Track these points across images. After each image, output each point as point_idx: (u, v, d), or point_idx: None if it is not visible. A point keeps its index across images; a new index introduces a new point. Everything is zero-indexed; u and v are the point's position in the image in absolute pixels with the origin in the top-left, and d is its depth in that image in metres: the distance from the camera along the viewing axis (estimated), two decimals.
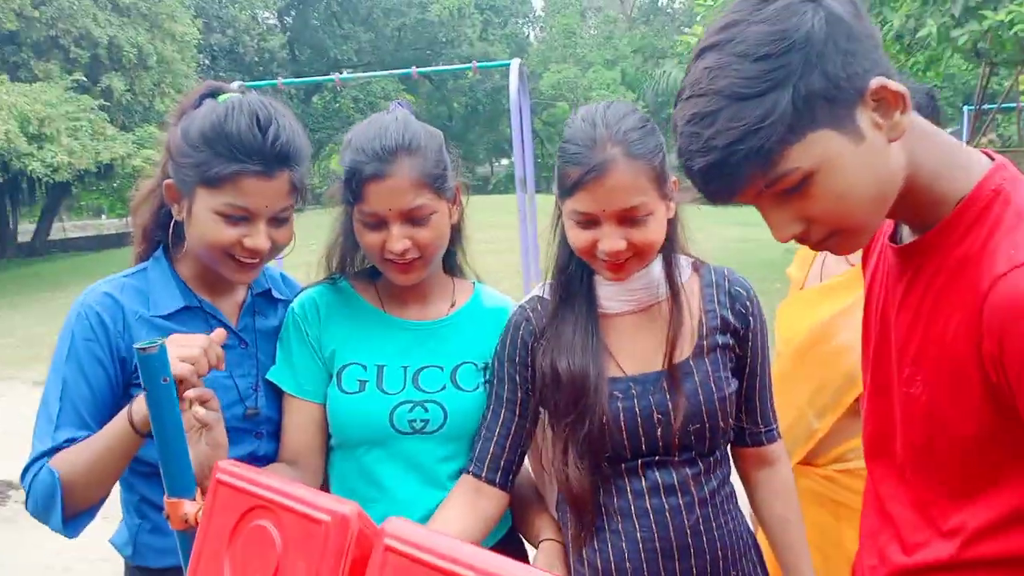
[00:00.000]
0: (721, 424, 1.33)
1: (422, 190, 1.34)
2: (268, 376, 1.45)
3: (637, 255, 1.27)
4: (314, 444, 1.44)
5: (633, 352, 1.34)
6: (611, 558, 1.32)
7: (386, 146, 1.32)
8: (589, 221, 1.25)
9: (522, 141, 5.88)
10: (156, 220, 1.43)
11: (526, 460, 1.46)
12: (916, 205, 0.95)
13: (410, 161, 1.33)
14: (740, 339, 1.38)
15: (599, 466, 1.32)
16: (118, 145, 15.90)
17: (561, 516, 1.42)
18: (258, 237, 1.31)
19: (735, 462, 1.47)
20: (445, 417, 1.41)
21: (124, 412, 1.22)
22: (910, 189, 0.93)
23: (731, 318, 1.37)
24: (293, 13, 30.82)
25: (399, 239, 1.33)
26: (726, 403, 1.33)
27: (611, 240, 1.24)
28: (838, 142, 0.86)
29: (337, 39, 29.91)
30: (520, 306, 1.43)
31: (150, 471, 1.34)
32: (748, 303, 1.39)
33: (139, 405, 1.19)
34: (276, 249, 1.35)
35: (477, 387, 1.44)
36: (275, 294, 1.53)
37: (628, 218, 1.24)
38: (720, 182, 0.88)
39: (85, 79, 16.45)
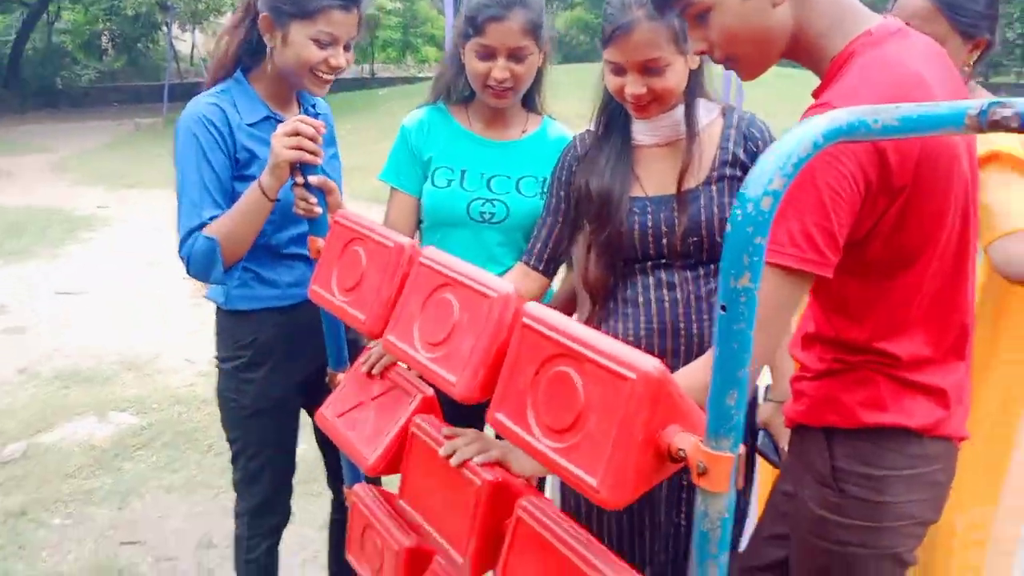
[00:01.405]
0: (718, 239, 1.57)
1: (527, 35, 1.72)
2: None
3: (656, 100, 1.55)
4: (406, 225, 1.88)
5: (654, 177, 1.62)
6: (619, 334, 1.62)
7: None
8: (618, 69, 1.54)
9: None
10: (239, 48, 1.76)
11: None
12: (810, 60, 1.21)
13: (523, 11, 1.71)
14: (745, 166, 1.61)
15: (614, 265, 1.63)
16: None
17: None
18: (339, 57, 1.69)
19: None
20: (507, 213, 1.84)
21: (255, 185, 1.59)
22: (800, 45, 1.19)
23: (741, 155, 1.61)
24: None
25: (503, 69, 1.73)
26: (724, 223, 1.52)
27: (634, 86, 1.53)
28: None
29: None
30: (575, 136, 1.74)
31: None
32: (760, 143, 1.62)
33: (265, 178, 1.57)
34: (344, 68, 1.71)
35: (535, 195, 1.86)
36: (318, 110, 1.89)
37: (648, 68, 1.51)
38: None
39: None
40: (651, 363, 0.85)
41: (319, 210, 1.52)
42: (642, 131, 1.64)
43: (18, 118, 15.34)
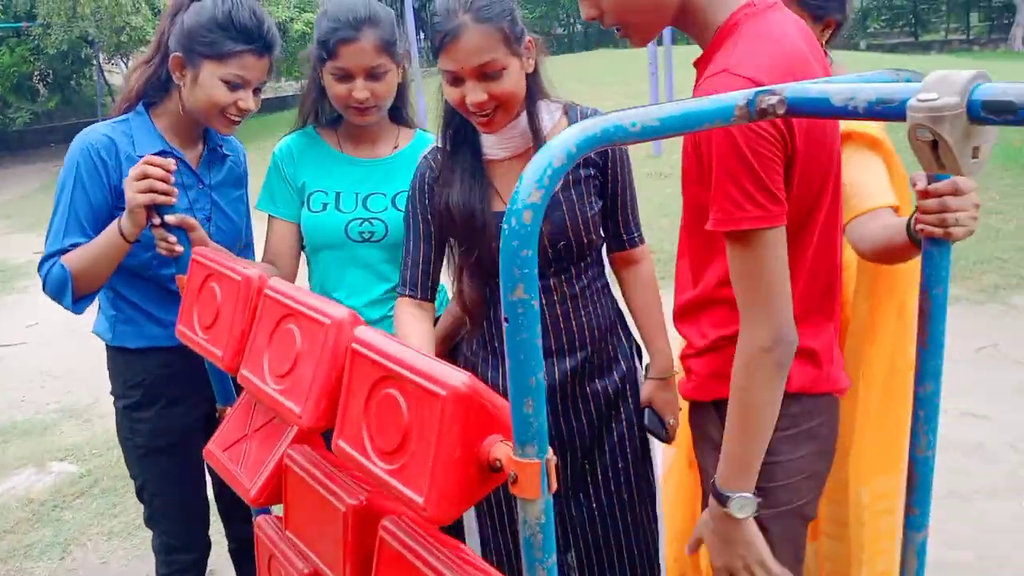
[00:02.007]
0: (585, 239, 1.62)
1: (380, 53, 1.73)
2: (256, 206, 1.92)
3: (501, 107, 1.53)
4: (288, 251, 1.88)
5: (512, 189, 1.49)
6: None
7: (355, 15, 1.70)
8: (455, 78, 1.50)
9: None
10: (147, 84, 1.79)
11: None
12: (694, 28, 1.24)
13: (372, 31, 1.71)
14: (601, 169, 1.64)
15: (488, 283, 1.64)
16: (281, 9, 15.57)
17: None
18: (249, 100, 1.72)
19: (610, 264, 1.79)
20: (387, 230, 1.84)
21: (115, 224, 1.61)
22: (686, 14, 1.22)
23: (591, 153, 1.52)
24: None
25: (362, 89, 1.73)
26: (589, 223, 1.62)
27: (474, 93, 1.49)
28: None
29: None
30: (423, 156, 1.71)
31: (124, 271, 1.74)
32: None
33: (125, 220, 1.58)
34: (252, 111, 1.76)
35: None
36: (224, 151, 1.91)
37: (485, 74, 1.48)
38: None
39: None
40: (459, 378, 0.86)
41: (180, 248, 1.52)
42: (492, 145, 1.62)
43: None
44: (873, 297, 1.74)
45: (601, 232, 1.69)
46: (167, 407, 1.81)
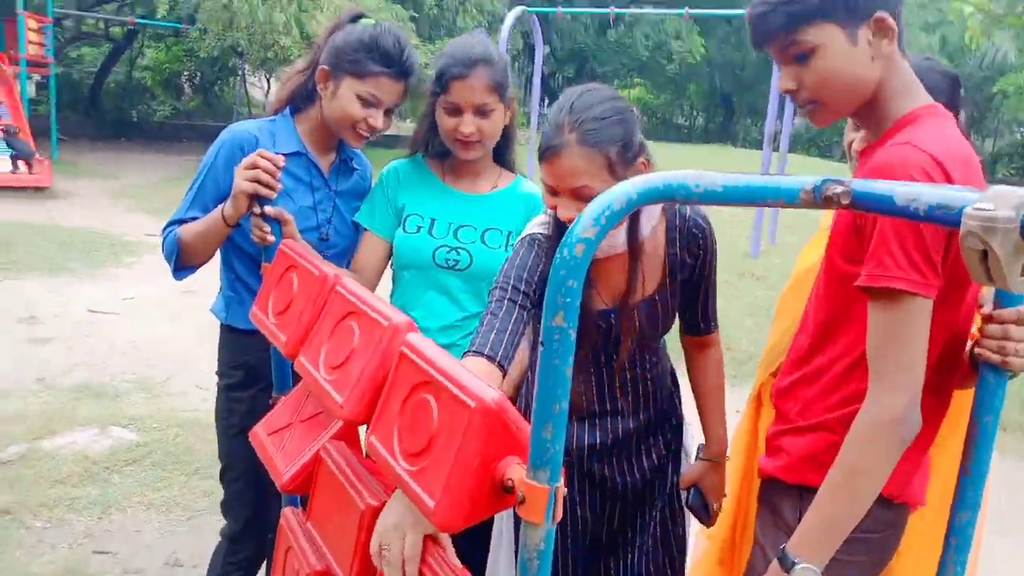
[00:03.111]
0: (667, 328, 1.71)
1: (490, 92, 1.83)
2: (355, 217, 2.00)
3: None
4: (375, 265, 1.97)
5: (609, 287, 1.65)
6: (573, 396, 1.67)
7: (470, 55, 1.81)
8: (552, 190, 1.51)
9: (778, 97, 6.65)
10: (297, 91, 1.94)
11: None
12: (875, 117, 1.29)
13: (486, 70, 1.82)
14: (698, 261, 1.69)
15: (579, 375, 1.67)
16: (420, 54, 16.00)
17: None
18: (379, 119, 1.85)
19: (682, 343, 1.85)
20: (471, 262, 1.92)
21: (218, 210, 1.73)
22: (875, 99, 1.27)
23: (688, 259, 1.67)
24: None
25: (469, 124, 1.84)
26: (669, 320, 1.71)
27: (565, 210, 1.49)
28: (840, 37, 1.22)
29: None
30: (533, 232, 1.64)
31: (245, 256, 1.92)
32: (703, 240, 1.66)
33: (228, 204, 1.68)
34: (381, 130, 1.87)
35: (499, 247, 1.93)
36: (353, 164, 2.04)
37: (579, 196, 1.46)
38: (760, 28, 1.27)
39: None
40: (491, 394, 0.90)
41: (272, 239, 1.62)
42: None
43: (91, 145, 16.09)
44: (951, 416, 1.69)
45: (668, 327, 1.75)
46: (264, 390, 1.88)
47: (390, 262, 2.01)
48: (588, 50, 26.09)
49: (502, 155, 2.03)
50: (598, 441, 1.75)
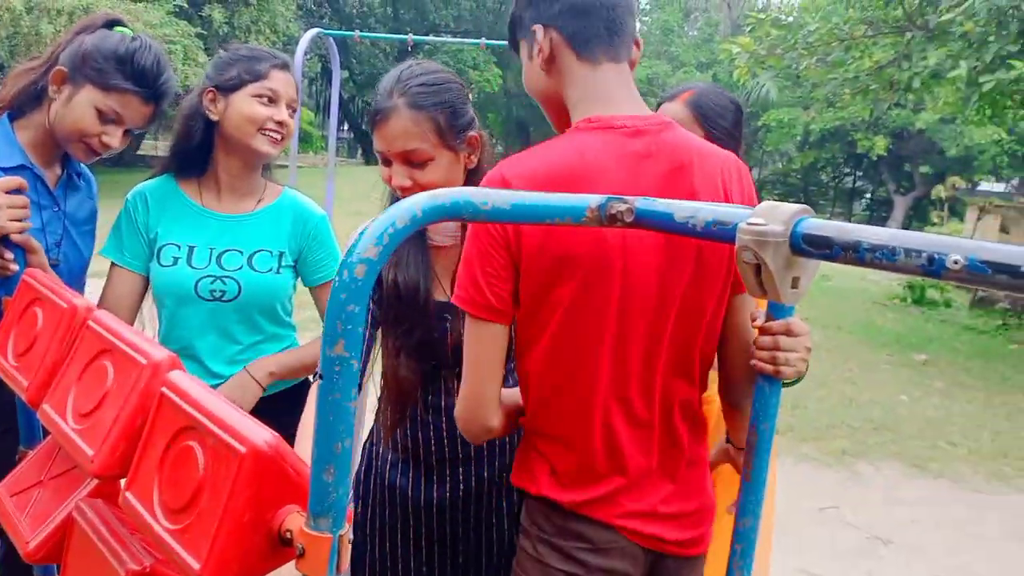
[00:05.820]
0: None
1: (299, 92, 1.82)
2: (101, 252, 1.79)
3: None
4: (128, 303, 1.78)
5: (451, 279, 1.54)
6: (420, 442, 1.58)
7: (275, 55, 1.79)
8: (384, 159, 1.49)
9: None
10: (23, 91, 1.67)
11: None
12: (565, 124, 1.30)
13: (290, 72, 1.79)
14: None
15: (422, 368, 1.55)
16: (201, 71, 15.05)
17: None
18: (115, 137, 1.65)
19: None
20: (239, 290, 1.76)
21: None
22: (562, 107, 1.29)
23: None
24: None
25: (284, 113, 1.75)
26: None
27: (398, 177, 1.47)
28: (525, 50, 1.31)
29: (439, 3, 28.36)
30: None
31: None
32: None
33: None
34: (116, 150, 1.68)
35: (269, 270, 1.79)
36: (79, 181, 1.80)
37: (409, 160, 1.46)
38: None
39: (187, 6, 15.70)
40: (264, 436, 0.81)
41: (15, 267, 1.41)
42: (436, 230, 1.58)
43: None
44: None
45: None
46: (8, 433, 1.62)
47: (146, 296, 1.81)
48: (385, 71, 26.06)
49: (268, 166, 1.88)
50: (447, 495, 1.59)
